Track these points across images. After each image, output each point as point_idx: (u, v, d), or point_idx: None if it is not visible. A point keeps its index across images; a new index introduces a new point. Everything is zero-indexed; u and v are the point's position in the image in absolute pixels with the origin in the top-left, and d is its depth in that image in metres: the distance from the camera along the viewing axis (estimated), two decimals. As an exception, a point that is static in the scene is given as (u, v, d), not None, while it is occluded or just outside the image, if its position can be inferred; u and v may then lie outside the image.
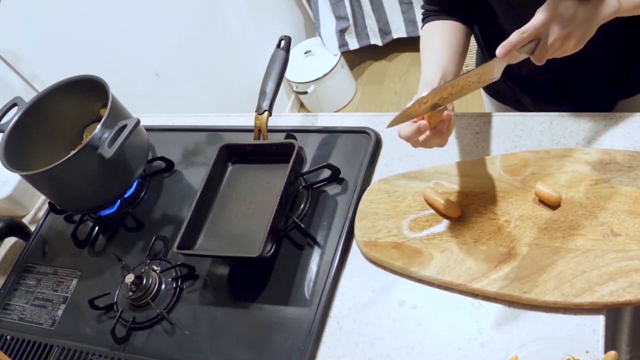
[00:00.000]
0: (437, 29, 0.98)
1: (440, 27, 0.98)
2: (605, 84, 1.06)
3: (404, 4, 2.51)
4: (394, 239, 0.91)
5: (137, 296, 0.98)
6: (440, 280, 0.85)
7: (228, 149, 1.07)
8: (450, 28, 0.97)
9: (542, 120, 0.98)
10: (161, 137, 1.26)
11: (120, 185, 1.09)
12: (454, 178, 0.94)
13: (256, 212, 1.01)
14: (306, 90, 2.61)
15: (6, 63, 1.46)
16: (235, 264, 1.00)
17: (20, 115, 1.12)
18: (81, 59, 1.64)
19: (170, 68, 2.00)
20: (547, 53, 0.75)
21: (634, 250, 0.77)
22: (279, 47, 1.12)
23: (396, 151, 1.04)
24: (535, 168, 0.90)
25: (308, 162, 1.08)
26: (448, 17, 0.98)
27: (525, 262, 0.81)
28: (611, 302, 0.75)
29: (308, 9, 2.71)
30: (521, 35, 0.73)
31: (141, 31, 1.88)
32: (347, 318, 0.88)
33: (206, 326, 0.95)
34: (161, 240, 1.07)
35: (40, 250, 1.17)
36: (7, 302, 1.11)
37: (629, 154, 0.86)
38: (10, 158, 1.06)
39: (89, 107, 1.18)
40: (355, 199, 0.98)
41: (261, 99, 1.07)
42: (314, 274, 0.93)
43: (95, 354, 0.97)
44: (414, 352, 0.82)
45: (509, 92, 1.18)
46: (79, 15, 1.65)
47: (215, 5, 2.22)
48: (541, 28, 0.73)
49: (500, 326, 0.80)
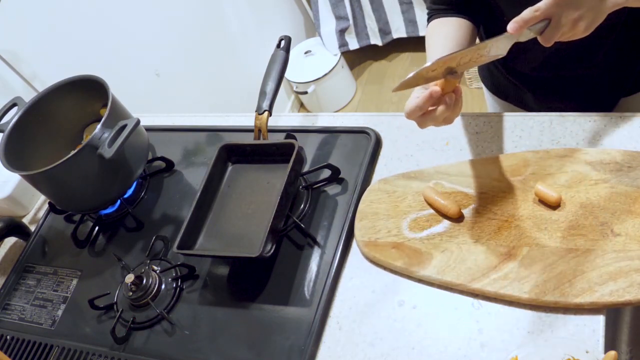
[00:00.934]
0: (443, 24, 0.98)
1: (446, 23, 0.98)
2: (609, 81, 1.06)
3: (404, 4, 2.51)
4: (394, 239, 0.91)
5: (137, 296, 0.98)
6: (440, 280, 0.85)
7: (228, 149, 1.07)
8: (457, 23, 0.97)
9: (542, 120, 0.98)
10: (161, 137, 1.26)
11: (120, 185, 1.09)
12: (454, 178, 0.94)
13: (256, 212, 1.01)
14: (306, 90, 2.61)
15: (6, 63, 1.46)
16: (235, 264, 1.00)
17: (20, 115, 1.12)
18: (81, 59, 1.65)
19: (170, 68, 2.00)
20: (557, 34, 0.74)
21: (634, 250, 0.77)
22: (279, 47, 1.12)
23: (396, 151, 1.04)
24: (535, 168, 0.90)
25: (308, 162, 1.08)
26: (454, 15, 0.98)
27: (525, 262, 0.81)
28: (611, 302, 0.75)
29: (308, 9, 2.71)
30: (534, 12, 0.72)
31: (141, 31, 1.88)
32: (347, 318, 0.88)
33: (206, 326, 0.95)
34: (161, 240, 1.07)
35: (40, 250, 1.17)
36: (7, 302, 1.11)
37: (629, 154, 0.86)
38: (10, 158, 1.06)
39: (89, 107, 1.18)
40: (355, 199, 0.98)
41: (261, 99, 1.07)
42: (314, 274, 0.93)
43: (95, 354, 0.97)
44: (414, 352, 0.82)
45: (512, 89, 1.18)
46: (79, 15, 1.65)
47: (215, 5, 2.22)
48: (553, 8, 0.72)
49: (500, 326, 0.80)
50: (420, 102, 0.77)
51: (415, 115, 0.79)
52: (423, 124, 0.81)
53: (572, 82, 1.08)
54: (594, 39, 0.98)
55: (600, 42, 0.99)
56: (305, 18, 2.81)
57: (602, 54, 1.01)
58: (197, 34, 2.13)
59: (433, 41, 0.97)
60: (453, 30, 0.96)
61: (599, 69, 1.04)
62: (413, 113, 0.79)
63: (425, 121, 0.80)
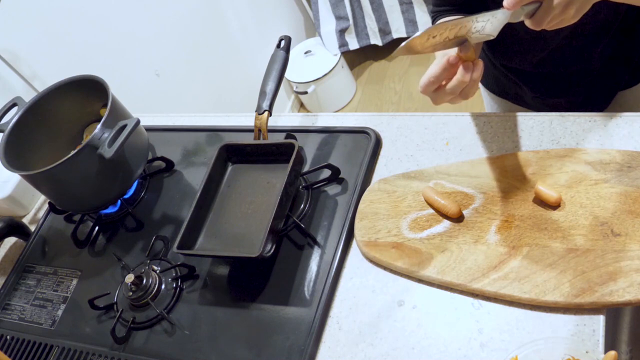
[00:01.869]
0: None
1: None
2: (605, 76, 1.07)
3: (404, 4, 2.51)
4: (394, 239, 0.91)
5: (137, 296, 0.98)
6: (440, 280, 0.85)
7: (228, 149, 1.07)
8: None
9: (542, 120, 0.98)
10: (161, 137, 1.26)
11: (120, 185, 1.09)
12: (454, 178, 0.94)
13: (256, 212, 1.01)
14: (306, 90, 2.61)
15: (6, 63, 1.46)
16: (235, 264, 1.00)
17: (20, 115, 1.12)
18: (81, 59, 1.65)
19: (170, 68, 2.00)
20: (547, 17, 0.74)
21: (634, 250, 0.77)
22: (279, 47, 1.12)
23: (396, 151, 1.04)
24: (535, 168, 0.90)
25: (308, 162, 1.08)
26: (458, 14, 0.99)
27: (525, 262, 0.81)
28: (611, 302, 0.75)
29: (308, 9, 2.71)
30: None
31: (141, 31, 1.88)
32: (347, 318, 0.88)
33: (206, 326, 0.95)
34: (161, 240, 1.07)
35: (40, 250, 1.17)
36: (7, 302, 1.11)
37: (629, 154, 0.86)
38: (10, 158, 1.06)
39: (89, 107, 1.18)
40: (355, 199, 0.98)
41: (261, 99, 1.07)
42: (314, 274, 0.93)
43: (95, 354, 0.97)
44: (414, 352, 0.82)
45: (509, 85, 1.18)
46: (79, 15, 1.65)
47: (215, 5, 2.22)
48: None
49: (500, 326, 0.80)
50: (437, 71, 0.75)
51: (431, 87, 0.76)
52: (439, 98, 0.77)
53: (569, 78, 1.08)
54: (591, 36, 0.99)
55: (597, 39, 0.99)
56: (305, 18, 2.81)
57: (599, 51, 1.01)
58: (197, 34, 2.13)
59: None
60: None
61: (596, 65, 1.04)
62: (429, 85, 0.76)
63: (442, 95, 0.77)
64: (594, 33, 0.82)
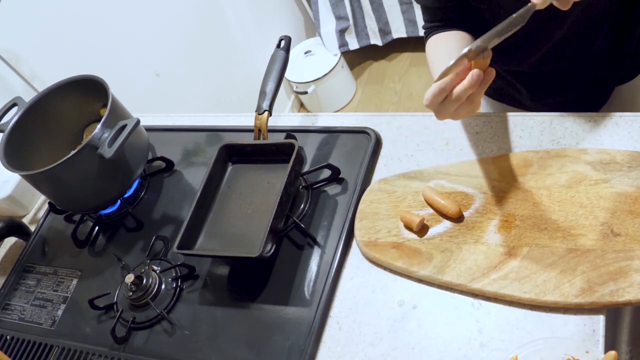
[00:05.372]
0: (444, 37, 1.00)
1: (446, 36, 1.00)
2: (603, 71, 1.07)
3: (404, 4, 2.51)
4: (394, 239, 0.91)
5: (137, 296, 0.98)
6: (440, 280, 0.85)
7: (228, 149, 1.07)
8: (457, 35, 0.99)
9: (542, 120, 0.98)
10: (161, 137, 1.26)
11: (120, 185, 1.09)
12: (454, 178, 0.94)
13: (256, 212, 1.01)
14: (306, 90, 2.61)
15: (6, 63, 1.46)
16: (235, 264, 1.00)
17: (20, 115, 1.12)
18: (81, 59, 1.65)
19: (170, 68, 2.00)
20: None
21: (634, 250, 0.77)
22: (279, 47, 1.12)
23: (396, 151, 1.04)
24: (535, 168, 0.90)
25: (308, 162, 1.08)
26: (451, 29, 1.00)
27: (525, 262, 0.81)
28: (611, 302, 0.75)
29: (308, 9, 2.71)
30: None
31: (141, 31, 1.88)
32: (347, 318, 0.88)
33: (206, 326, 0.95)
34: (161, 240, 1.07)
35: (40, 250, 1.17)
36: (7, 302, 1.11)
37: (629, 154, 0.86)
38: (10, 158, 1.06)
39: (89, 107, 1.18)
40: (355, 199, 0.98)
41: (261, 99, 1.07)
42: (314, 274, 0.93)
43: (95, 354, 0.97)
44: (414, 352, 0.82)
45: (507, 88, 1.18)
46: (79, 15, 1.65)
47: (215, 5, 2.22)
48: None
49: (500, 326, 0.80)
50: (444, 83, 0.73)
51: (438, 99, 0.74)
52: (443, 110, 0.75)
53: (567, 77, 1.09)
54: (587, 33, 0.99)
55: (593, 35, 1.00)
56: (305, 18, 2.81)
57: (596, 47, 1.02)
58: (197, 34, 2.13)
59: (437, 53, 0.97)
60: (455, 41, 0.97)
61: (593, 61, 1.05)
62: (436, 96, 0.74)
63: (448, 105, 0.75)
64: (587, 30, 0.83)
